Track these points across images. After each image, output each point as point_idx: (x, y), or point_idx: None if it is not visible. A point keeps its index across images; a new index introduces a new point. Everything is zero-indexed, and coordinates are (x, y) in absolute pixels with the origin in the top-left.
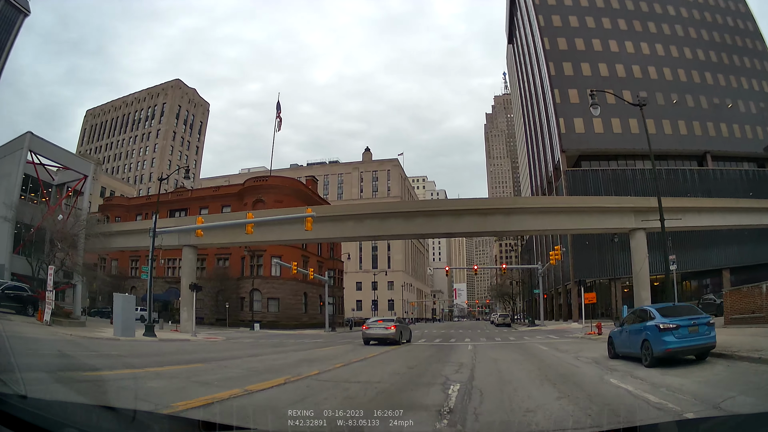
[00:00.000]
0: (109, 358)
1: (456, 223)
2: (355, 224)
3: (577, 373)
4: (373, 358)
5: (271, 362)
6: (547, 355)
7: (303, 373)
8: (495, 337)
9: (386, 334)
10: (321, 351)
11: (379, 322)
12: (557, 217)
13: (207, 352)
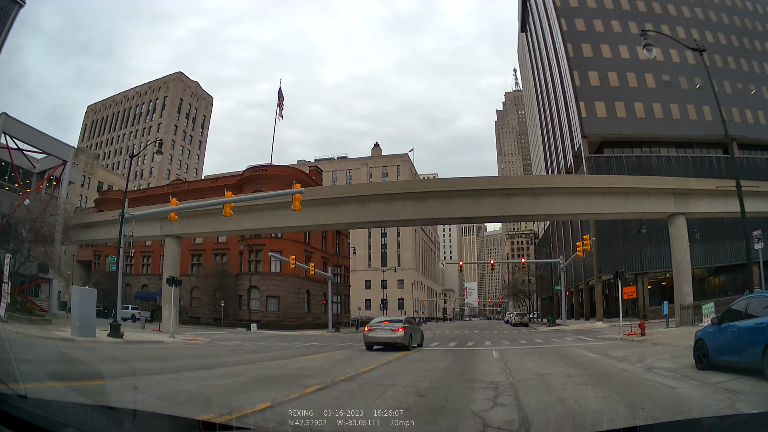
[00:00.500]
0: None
1: (475, 205)
2: (357, 208)
3: (688, 400)
4: (369, 373)
5: (216, 381)
6: (604, 366)
7: (243, 407)
8: (518, 339)
9: (393, 337)
10: (304, 361)
11: (384, 323)
12: (591, 199)
13: (159, 360)
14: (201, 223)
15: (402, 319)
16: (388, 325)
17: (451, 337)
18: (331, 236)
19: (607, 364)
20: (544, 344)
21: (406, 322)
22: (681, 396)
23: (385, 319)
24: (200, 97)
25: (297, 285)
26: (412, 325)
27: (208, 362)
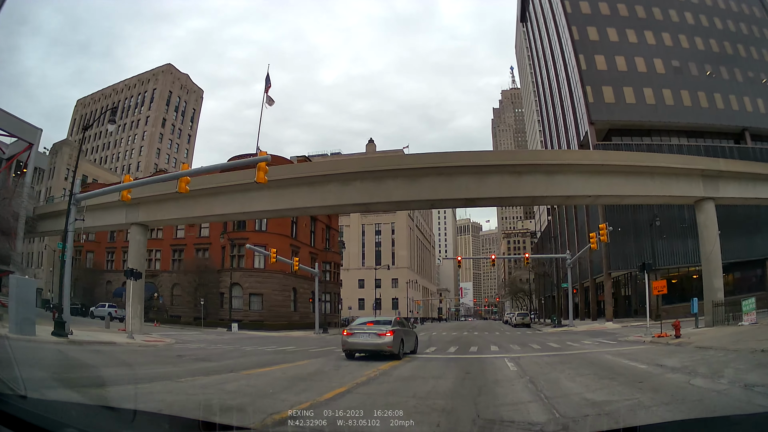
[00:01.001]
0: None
1: (479, 185)
2: (339, 188)
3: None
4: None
5: None
6: (678, 385)
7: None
8: (528, 342)
9: (379, 344)
10: (253, 376)
11: (368, 326)
12: (613, 180)
13: (77, 368)
14: (168, 209)
15: (391, 321)
16: (373, 328)
17: (450, 340)
18: (320, 231)
19: (677, 381)
20: (564, 350)
21: (397, 324)
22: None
23: (369, 320)
24: (190, 89)
25: (282, 282)
26: (403, 327)
27: (120, 374)
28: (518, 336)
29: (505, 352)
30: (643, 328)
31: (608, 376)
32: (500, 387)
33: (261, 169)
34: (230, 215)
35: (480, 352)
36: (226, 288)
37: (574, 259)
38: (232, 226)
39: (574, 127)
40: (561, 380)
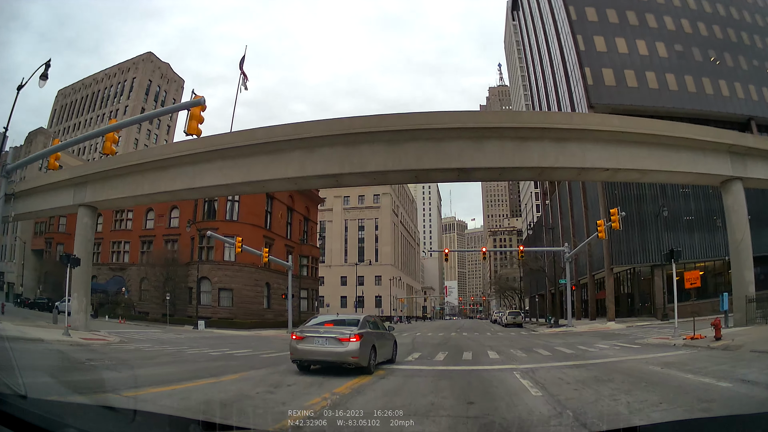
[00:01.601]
0: None
1: (475, 152)
2: (303, 156)
3: None
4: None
5: None
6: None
7: None
8: (531, 347)
9: (339, 353)
10: (135, 400)
11: (327, 327)
12: (634, 151)
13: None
14: (114, 187)
15: (358, 320)
16: (332, 330)
17: (437, 343)
18: (298, 222)
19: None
20: (584, 357)
21: (366, 324)
22: None
23: (328, 319)
24: (170, 79)
25: (254, 276)
26: (376, 329)
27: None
28: (515, 338)
29: (509, 361)
30: (653, 329)
31: (695, 405)
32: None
33: (194, 117)
34: (178, 192)
35: (477, 360)
36: (194, 282)
37: (574, 252)
38: (202, 215)
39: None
40: (631, 419)
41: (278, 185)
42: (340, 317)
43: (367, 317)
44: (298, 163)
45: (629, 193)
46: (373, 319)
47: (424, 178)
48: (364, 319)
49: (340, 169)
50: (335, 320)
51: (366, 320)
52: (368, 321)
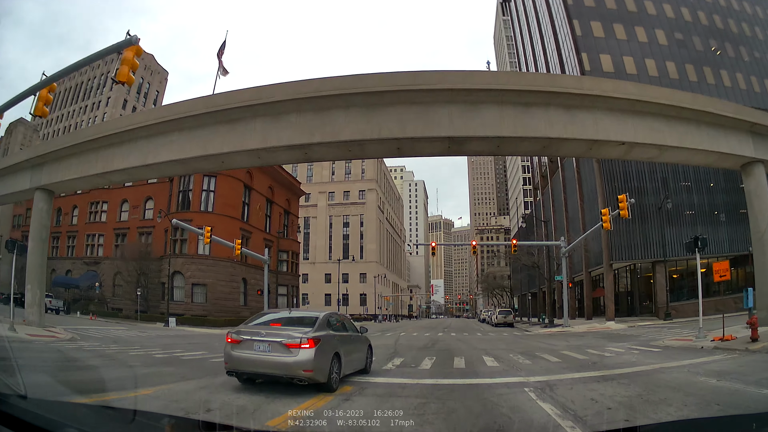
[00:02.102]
0: None
1: (469, 119)
2: (268, 125)
3: None
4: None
5: None
6: None
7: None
8: (533, 351)
9: (287, 364)
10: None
11: (273, 328)
12: (652, 123)
13: None
14: (69, 167)
15: (315, 319)
16: (278, 333)
17: (423, 346)
18: (278, 215)
19: None
20: (606, 365)
21: (325, 325)
22: None
23: (277, 317)
24: (154, 70)
25: (230, 271)
26: (341, 332)
27: None
28: (509, 339)
29: (513, 371)
30: (659, 329)
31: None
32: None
33: (126, 62)
34: (132, 170)
35: (473, 369)
36: (167, 277)
37: (573, 246)
38: (176, 206)
39: None
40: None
41: (239, 160)
42: (296, 314)
43: (329, 315)
44: (260, 134)
45: (629, 186)
46: (339, 318)
47: (408, 150)
48: (324, 317)
49: (309, 139)
50: (287, 318)
51: (327, 319)
52: (330, 321)
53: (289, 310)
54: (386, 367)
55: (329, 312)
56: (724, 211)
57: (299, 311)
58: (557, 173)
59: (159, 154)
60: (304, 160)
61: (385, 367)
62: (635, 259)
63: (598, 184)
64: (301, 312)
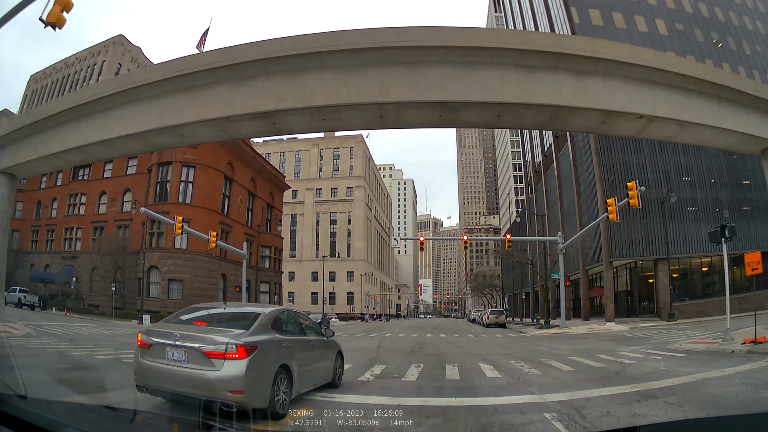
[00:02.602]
0: None
1: (465, 82)
2: (232, 91)
3: None
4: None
5: None
6: None
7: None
8: (536, 356)
9: (204, 382)
10: None
11: (196, 326)
12: (671, 96)
13: None
14: (28, 147)
15: (255, 316)
16: (200, 336)
17: (410, 350)
18: (260, 209)
19: None
20: (634, 378)
21: (267, 326)
22: None
23: (205, 314)
24: (141, 63)
25: (208, 266)
26: (295, 335)
27: None
28: (505, 342)
29: (521, 385)
30: (665, 330)
31: None
32: None
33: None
34: (88, 148)
35: (469, 381)
36: (143, 272)
37: (571, 241)
38: (154, 198)
39: None
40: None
41: (200, 133)
42: (231, 309)
43: (277, 313)
44: (223, 101)
45: (630, 179)
46: (293, 316)
47: (392, 120)
48: (268, 315)
49: (276, 105)
50: (217, 315)
51: (273, 318)
52: (278, 320)
53: (224, 304)
54: (363, 377)
55: (278, 308)
56: (728, 208)
57: (238, 305)
58: (552, 168)
59: (114, 128)
60: (272, 131)
61: (361, 378)
62: (636, 257)
63: (597, 177)
64: (240, 306)
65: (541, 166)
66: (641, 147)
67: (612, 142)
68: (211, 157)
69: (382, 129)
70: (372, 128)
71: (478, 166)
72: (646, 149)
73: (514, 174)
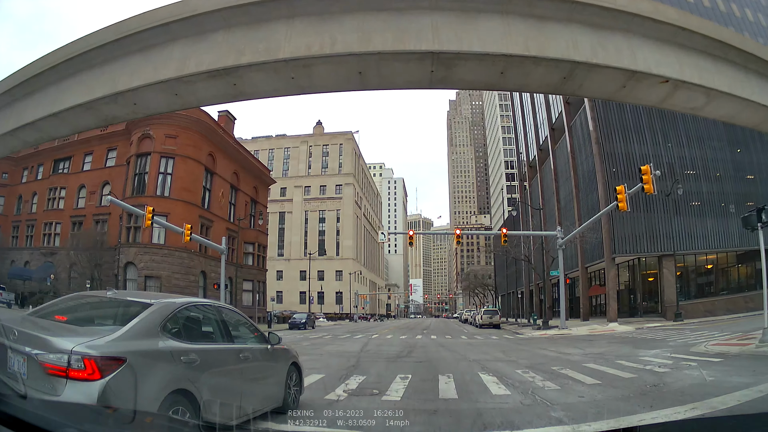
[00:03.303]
0: None
1: (462, 30)
2: (188, 48)
3: None
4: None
5: None
6: None
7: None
8: (548, 364)
9: (33, 413)
10: None
11: (54, 320)
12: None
13: None
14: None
15: (142, 307)
16: (43, 337)
17: (396, 355)
18: (243, 204)
19: None
20: (689, 394)
21: (156, 327)
22: None
23: (65, 308)
24: None
25: (187, 263)
26: (208, 343)
27: None
28: (504, 345)
29: (543, 410)
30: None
31: None
32: None
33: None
34: (41, 123)
35: (473, 406)
36: (120, 269)
37: (573, 234)
38: (132, 190)
39: None
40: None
41: (153, 100)
42: (117, 297)
43: (177, 306)
44: (178, 60)
45: (633, 170)
46: (208, 312)
47: (373, 78)
48: (158, 310)
49: (236, 60)
50: (91, 304)
51: (165, 316)
52: (173, 319)
53: (111, 291)
54: (332, 394)
55: (184, 300)
56: (734, 202)
57: (129, 294)
58: (548, 161)
59: (64, 99)
60: (233, 95)
61: (329, 396)
62: (639, 253)
63: (598, 168)
64: (131, 295)
65: (536, 160)
66: (644, 137)
67: (613, 131)
68: (191, 148)
69: (362, 90)
70: (349, 89)
71: (469, 165)
72: (649, 139)
73: (507, 172)
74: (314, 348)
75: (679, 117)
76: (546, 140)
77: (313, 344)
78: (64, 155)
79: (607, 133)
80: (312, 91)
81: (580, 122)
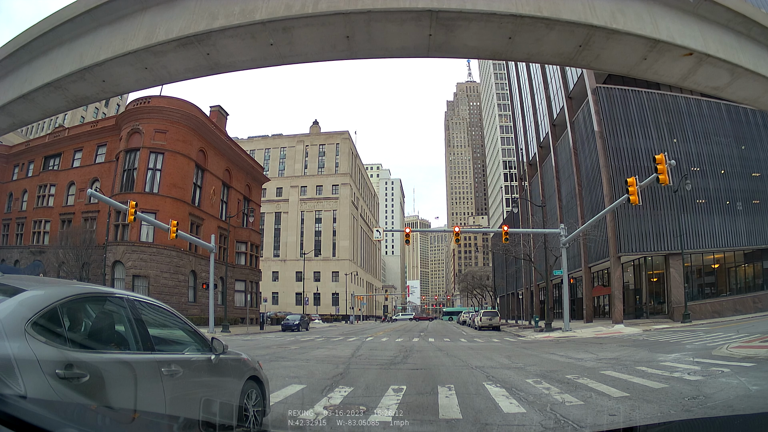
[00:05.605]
0: None
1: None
2: (157, 15)
3: None
4: None
5: None
6: None
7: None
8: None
9: None
10: None
11: None
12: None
13: None
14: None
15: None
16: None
17: (390, 361)
18: (236, 202)
19: None
20: (742, 410)
21: (19, 323)
22: None
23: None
24: None
25: (176, 262)
26: (119, 353)
27: None
28: (508, 349)
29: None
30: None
31: None
32: None
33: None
34: (11, 106)
35: (479, 424)
36: (108, 267)
37: (578, 232)
38: (120, 186)
39: (560, 76)
40: None
41: (122, 76)
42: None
43: (58, 295)
44: (147, 28)
45: (638, 165)
46: (121, 306)
47: (363, 42)
48: (30, 298)
49: (209, 24)
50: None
51: (44, 305)
52: (53, 313)
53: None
54: (309, 412)
55: (74, 289)
56: (742, 200)
57: (10, 278)
58: (548, 159)
59: (34, 79)
60: (207, 68)
61: (306, 414)
62: (645, 252)
63: (602, 163)
64: (12, 279)
65: (537, 157)
66: (649, 132)
67: (618, 126)
68: (180, 143)
69: (351, 59)
70: (336, 57)
71: (466, 166)
72: (654, 134)
73: (505, 172)
74: (302, 352)
75: (685, 111)
76: (547, 137)
77: (302, 348)
78: (55, 151)
79: (611, 128)
80: (294, 61)
81: (583, 117)
